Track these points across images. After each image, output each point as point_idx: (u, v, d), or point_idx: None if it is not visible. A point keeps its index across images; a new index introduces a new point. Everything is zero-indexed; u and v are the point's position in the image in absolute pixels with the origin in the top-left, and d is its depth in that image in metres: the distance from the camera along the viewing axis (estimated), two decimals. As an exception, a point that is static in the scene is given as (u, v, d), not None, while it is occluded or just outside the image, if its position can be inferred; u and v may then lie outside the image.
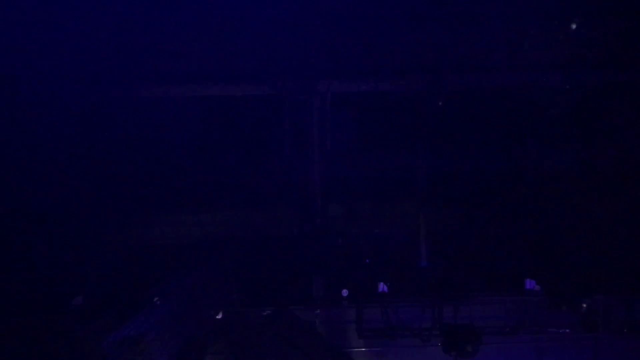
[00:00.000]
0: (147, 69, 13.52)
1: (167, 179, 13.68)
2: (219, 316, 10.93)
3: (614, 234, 13.31)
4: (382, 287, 12.94)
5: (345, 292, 12.94)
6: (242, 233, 13.64)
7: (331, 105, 13.75)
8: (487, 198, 13.72)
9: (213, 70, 13.70)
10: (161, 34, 13.46)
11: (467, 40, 13.50)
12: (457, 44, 13.48)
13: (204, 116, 14.27)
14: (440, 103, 13.56)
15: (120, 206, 13.44)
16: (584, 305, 12.53)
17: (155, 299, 9.07)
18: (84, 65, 13.15)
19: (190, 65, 13.63)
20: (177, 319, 8.57)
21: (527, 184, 13.85)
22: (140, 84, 13.54)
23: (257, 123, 14.05)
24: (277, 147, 13.99)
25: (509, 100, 13.78)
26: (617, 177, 13.54)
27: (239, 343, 11.33)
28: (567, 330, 12.68)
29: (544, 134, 13.82)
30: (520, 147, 13.98)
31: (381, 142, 14.04)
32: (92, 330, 10.77)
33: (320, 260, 13.26)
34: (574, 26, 13.22)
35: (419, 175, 13.89)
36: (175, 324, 8.42)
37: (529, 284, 12.92)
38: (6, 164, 12.85)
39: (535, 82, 13.61)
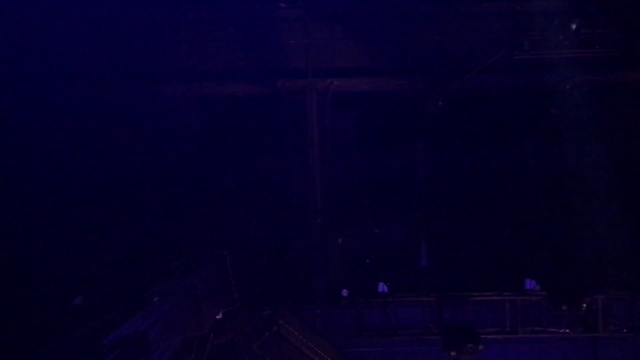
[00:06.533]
0: (145, 69, 13.52)
1: (166, 178, 13.69)
2: (219, 316, 10.92)
3: (615, 234, 13.31)
4: (382, 287, 12.93)
5: (345, 292, 12.92)
6: (242, 233, 13.64)
7: (331, 105, 13.76)
8: (487, 198, 13.72)
9: (213, 70, 13.71)
10: (160, 34, 13.47)
11: (466, 40, 13.51)
12: (456, 44, 13.49)
13: (204, 116, 14.27)
14: (440, 103, 13.57)
15: (120, 206, 13.45)
16: (584, 305, 12.51)
17: (155, 299, 9.07)
18: (83, 66, 13.18)
19: (189, 65, 13.64)
20: (177, 318, 8.56)
21: (527, 184, 13.85)
22: (137, 84, 13.54)
23: (257, 123, 14.06)
24: (277, 147, 14.00)
25: (509, 100, 13.78)
26: (617, 177, 13.54)
27: (239, 343, 11.34)
28: (567, 330, 12.66)
29: (544, 134, 13.83)
30: (520, 147, 13.97)
31: (381, 141, 14.05)
32: (92, 330, 10.77)
33: (320, 260, 13.26)
34: (574, 26, 13.22)
35: (419, 175, 13.89)
36: (175, 324, 8.41)
37: (529, 284, 12.90)
38: (6, 164, 12.87)
39: (535, 82, 13.61)
